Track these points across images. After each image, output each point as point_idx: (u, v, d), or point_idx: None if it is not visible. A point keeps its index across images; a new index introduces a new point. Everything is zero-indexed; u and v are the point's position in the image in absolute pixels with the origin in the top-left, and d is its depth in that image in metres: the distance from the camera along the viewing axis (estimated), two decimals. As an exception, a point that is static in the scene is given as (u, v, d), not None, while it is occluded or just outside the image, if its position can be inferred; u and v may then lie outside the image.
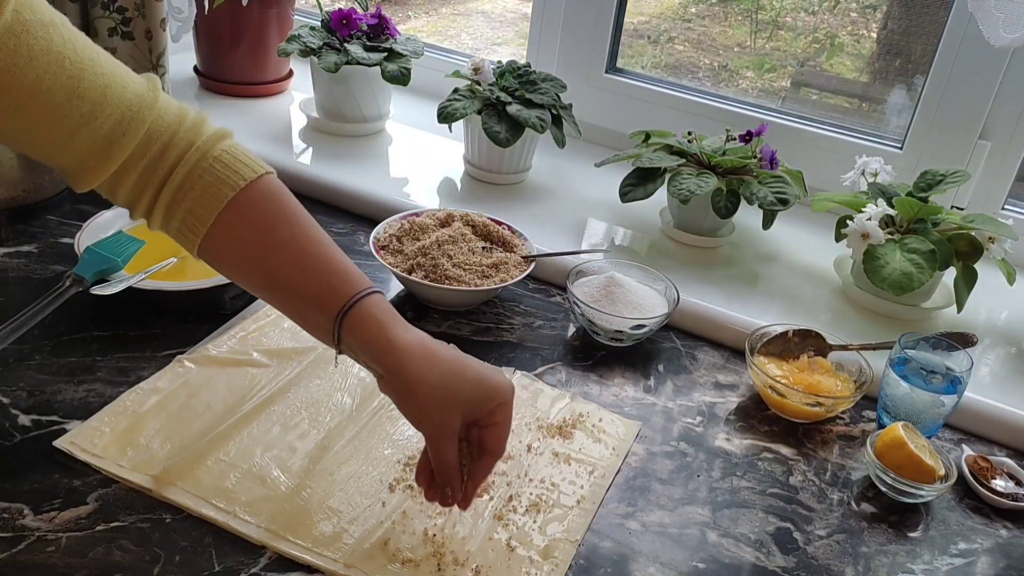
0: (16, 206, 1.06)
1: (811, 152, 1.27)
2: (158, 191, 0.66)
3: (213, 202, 0.66)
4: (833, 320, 1.03)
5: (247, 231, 0.67)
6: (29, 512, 0.66)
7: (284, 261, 0.66)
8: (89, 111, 0.61)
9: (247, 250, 0.67)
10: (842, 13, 1.59)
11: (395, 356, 0.63)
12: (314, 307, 0.66)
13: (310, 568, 0.65)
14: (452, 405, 0.63)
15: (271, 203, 0.68)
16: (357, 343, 0.64)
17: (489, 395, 0.65)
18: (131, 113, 0.64)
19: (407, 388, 0.63)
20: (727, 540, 0.73)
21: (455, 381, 0.64)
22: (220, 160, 0.66)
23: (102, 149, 0.63)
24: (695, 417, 0.87)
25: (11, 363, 0.81)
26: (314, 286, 0.65)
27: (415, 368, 0.63)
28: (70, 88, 0.60)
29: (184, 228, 0.67)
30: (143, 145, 0.65)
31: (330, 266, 0.66)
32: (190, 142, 0.66)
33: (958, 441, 0.89)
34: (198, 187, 0.66)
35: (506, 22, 3.14)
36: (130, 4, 1.21)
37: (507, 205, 1.21)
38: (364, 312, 0.64)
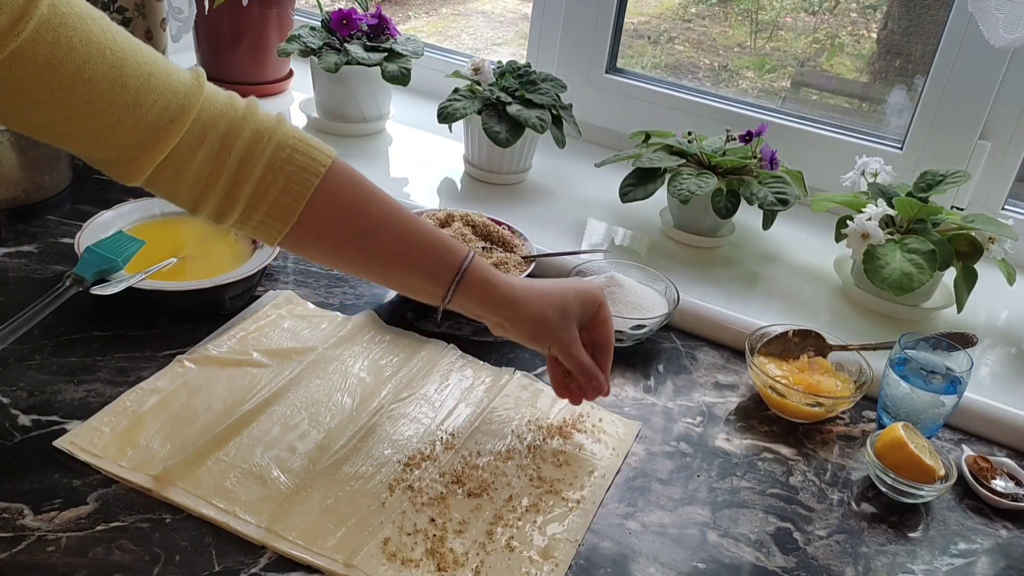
0: (16, 206, 1.06)
1: (811, 152, 1.27)
2: (233, 185, 0.66)
3: (300, 190, 0.67)
4: (833, 320, 1.03)
5: (340, 213, 0.70)
6: (29, 512, 0.66)
7: (384, 238, 0.71)
8: (133, 98, 0.61)
9: (342, 232, 0.70)
10: (842, 13, 1.59)
11: (514, 308, 0.74)
12: (424, 278, 0.73)
13: (310, 568, 0.65)
14: (569, 323, 0.75)
15: (355, 184, 0.71)
16: (473, 303, 0.73)
17: (590, 302, 0.77)
18: (178, 99, 0.63)
19: (531, 326, 0.75)
20: (727, 540, 0.73)
21: (563, 305, 0.75)
22: (296, 148, 0.67)
23: (149, 136, 0.62)
24: (695, 417, 0.87)
25: (11, 363, 0.81)
26: (421, 259, 0.72)
27: (532, 310, 0.74)
28: (112, 77, 0.60)
29: (268, 219, 0.68)
30: (197, 133, 0.64)
31: (430, 238, 0.73)
32: (256, 131, 0.66)
33: (958, 441, 0.89)
34: (282, 177, 0.66)
35: (506, 22, 3.14)
36: (130, 4, 1.21)
37: (507, 205, 1.21)
38: (474, 277, 0.72)
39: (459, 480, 0.74)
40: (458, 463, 0.76)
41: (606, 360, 0.79)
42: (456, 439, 0.79)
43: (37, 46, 0.56)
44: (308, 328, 0.92)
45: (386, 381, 0.85)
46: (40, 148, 1.06)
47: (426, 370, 0.88)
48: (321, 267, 1.03)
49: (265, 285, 0.98)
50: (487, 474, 0.75)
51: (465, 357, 0.91)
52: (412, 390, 0.85)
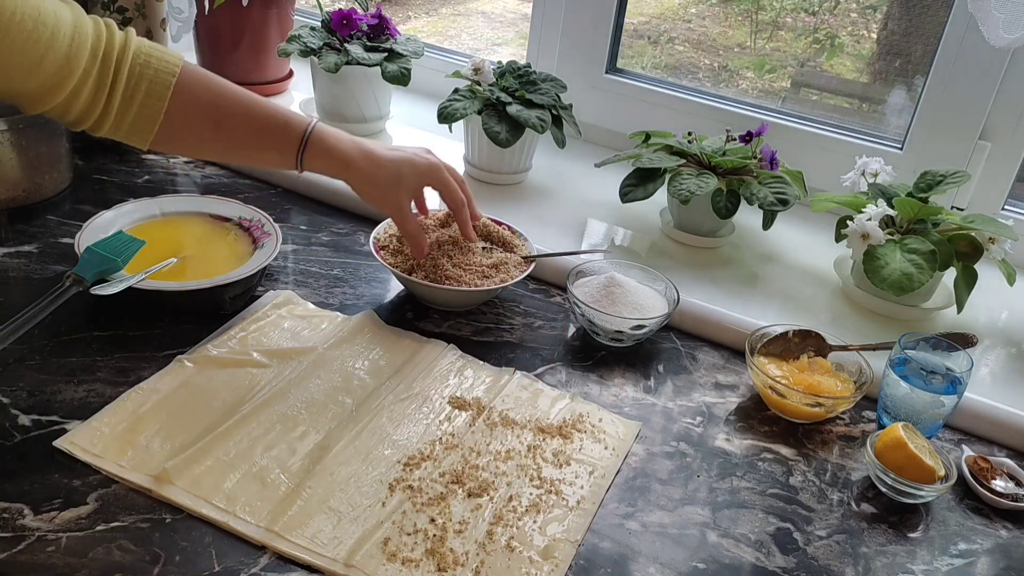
0: (16, 206, 1.06)
1: (811, 152, 1.27)
2: (109, 95, 0.76)
3: (161, 89, 0.77)
4: (833, 320, 1.03)
5: (196, 108, 0.80)
6: (29, 512, 0.66)
7: (236, 124, 0.83)
8: (51, 34, 0.70)
9: (200, 124, 0.81)
10: (842, 13, 1.59)
11: (348, 172, 0.87)
12: (274, 154, 0.85)
13: (310, 568, 0.65)
14: (398, 190, 0.88)
15: (206, 79, 0.82)
16: (317, 168, 0.86)
17: (422, 174, 0.90)
18: (76, 29, 0.72)
19: (363, 188, 0.88)
20: (727, 540, 0.73)
21: (393, 170, 0.88)
22: (151, 55, 0.77)
23: (64, 67, 0.72)
24: (695, 417, 0.87)
25: (11, 363, 0.81)
26: (270, 138, 0.84)
27: (365, 174, 0.87)
28: (34, 16, 0.68)
29: (138, 121, 0.78)
30: (91, 56, 0.74)
31: (276, 115, 0.84)
32: (121, 45, 0.76)
33: (958, 441, 0.89)
34: (144, 82, 0.77)
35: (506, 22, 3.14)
36: (130, 4, 1.21)
37: (507, 205, 1.21)
38: (315, 146, 0.85)
39: (459, 480, 0.74)
40: (458, 463, 0.76)
41: (461, 216, 0.93)
42: (456, 439, 0.79)
43: None
44: (308, 328, 0.92)
45: (386, 381, 0.85)
46: (40, 148, 1.06)
47: (426, 370, 0.88)
48: (321, 267, 1.03)
49: (265, 285, 0.98)
50: (487, 474, 0.75)
51: (465, 357, 0.91)
52: (412, 390, 0.85)
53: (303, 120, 0.85)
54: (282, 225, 1.08)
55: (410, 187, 0.89)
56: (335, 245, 1.09)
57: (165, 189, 1.16)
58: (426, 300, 0.98)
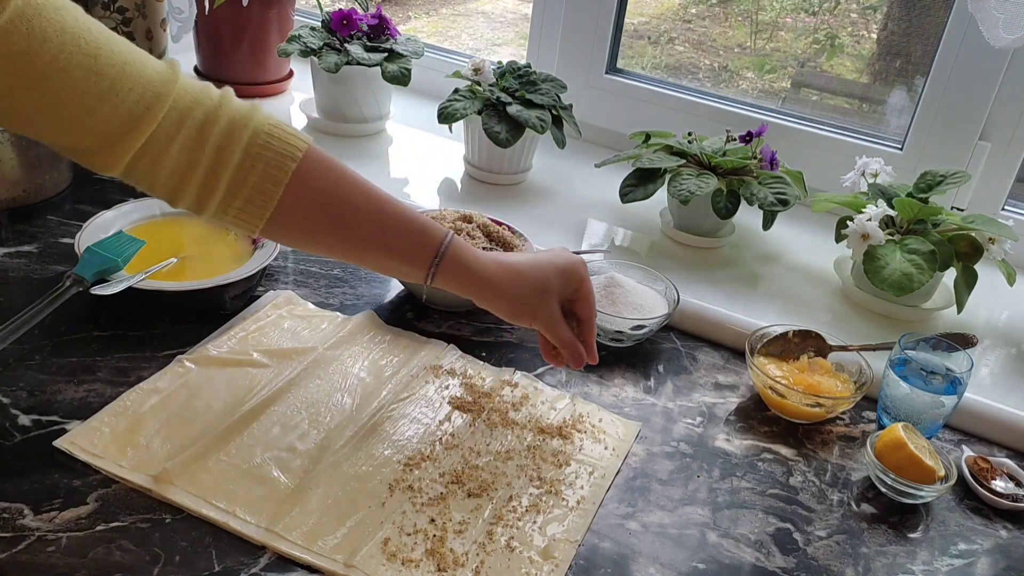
0: (16, 206, 1.06)
1: (811, 153, 1.27)
2: (212, 173, 0.66)
3: (278, 175, 0.67)
4: (833, 321, 1.03)
5: (317, 197, 0.70)
6: (29, 512, 0.66)
7: (361, 222, 0.72)
8: (109, 86, 0.61)
9: (319, 216, 0.70)
10: (842, 14, 1.59)
11: (490, 290, 0.75)
12: (404, 262, 0.74)
13: (310, 568, 0.65)
14: (548, 302, 0.77)
15: (332, 169, 0.71)
16: (451, 285, 0.75)
17: (571, 279, 0.79)
18: (153, 88, 0.63)
19: (510, 307, 0.76)
20: (727, 541, 0.73)
21: (544, 284, 0.77)
22: (272, 135, 0.68)
23: (125, 123, 0.63)
24: (695, 418, 0.87)
25: (11, 363, 0.81)
26: (397, 244, 0.73)
27: (509, 292, 0.76)
28: (87, 65, 0.60)
29: (248, 206, 0.68)
30: (174, 121, 0.64)
31: (408, 223, 0.73)
32: (232, 119, 0.66)
33: (958, 442, 0.89)
34: (260, 164, 0.67)
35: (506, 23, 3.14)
36: (130, 4, 1.21)
37: (507, 205, 1.21)
38: (451, 259, 0.74)
39: (459, 480, 0.74)
40: (458, 463, 0.76)
41: (589, 332, 0.81)
42: (456, 439, 0.79)
43: (11, 36, 0.57)
44: (308, 328, 0.92)
45: (386, 381, 0.85)
46: (40, 148, 1.06)
47: (426, 370, 0.88)
48: (321, 267, 1.03)
49: (265, 285, 0.98)
50: (487, 474, 0.75)
51: (465, 357, 0.91)
52: (412, 390, 0.85)
53: (439, 231, 0.74)
54: (282, 225, 1.08)
55: (556, 293, 0.78)
56: (335, 245, 1.09)
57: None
58: (426, 300, 0.98)
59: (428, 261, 0.73)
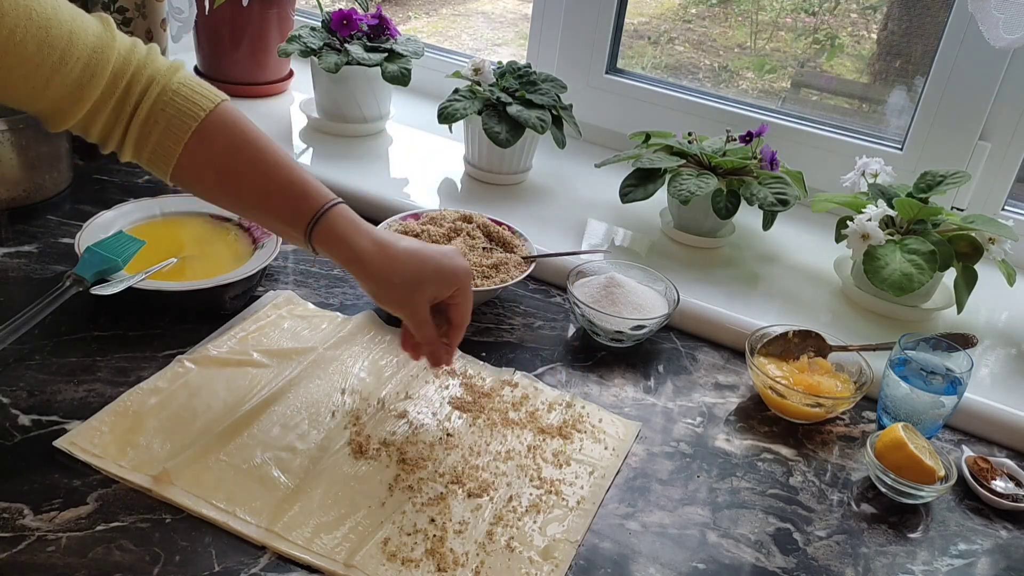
0: (16, 206, 1.06)
1: (811, 153, 1.27)
2: (127, 126, 0.72)
3: (178, 133, 0.72)
4: (833, 321, 1.03)
5: (212, 157, 0.74)
6: (29, 512, 0.66)
7: (248, 185, 0.74)
8: (60, 57, 0.66)
9: (213, 176, 0.74)
10: (842, 14, 1.59)
11: (358, 265, 0.74)
12: (284, 226, 0.75)
13: (310, 568, 0.65)
14: (417, 296, 0.75)
15: (231, 129, 0.74)
16: (327, 254, 0.75)
17: (448, 282, 0.76)
18: (96, 55, 0.69)
19: (376, 288, 0.75)
20: (727, 541, 0.73)
21: (417, 277, 0.75)
22: (179, 93, 0.72)
23: (74, 92, 0.68)
24: (695, 418, 0.87)
25: (11, 363, 0.81)
26: (279, 207, 0.74)
27: (377, 272, 0.74)
28: (40, 38, 0.65)
29: (155, 158, 0.73)
30: (111, 84, 0.70)
31: (290, 186, 0.74)
32: (150, 77, 0.72)
33: (958, 442, 0.89)
34: (163, 120, 0.72)
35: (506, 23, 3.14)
36: (131, 4, 1.21)
37: (507, 206, 1.21)
38: (327, 227, 0.73)
39: (459, 480, 0.74)
40: (458, 463, 0.76)
41: (455, 336, 0.79)
42: (456, 439, 0.79)
43: None
44: (308, 328, 0.92)
45: (386, 381, 0.85)
46: (40, 148, 1.06)
47: (426, 370, 0.88)
48: (321, 267, 1.03)
49: (265, 285, 0.98)
50: (487, 474, 0.75)
51: (465, 357, 0.91)
52: (412, 390, 0.85)
53: (324, 196, 0.74)
54: (282, 225, 1.08)
55: (430, 292, 0.75)
56: (335, 245, 1.09)
57: (165, 189, 1.16)
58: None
59: (305, 224, 0.73)
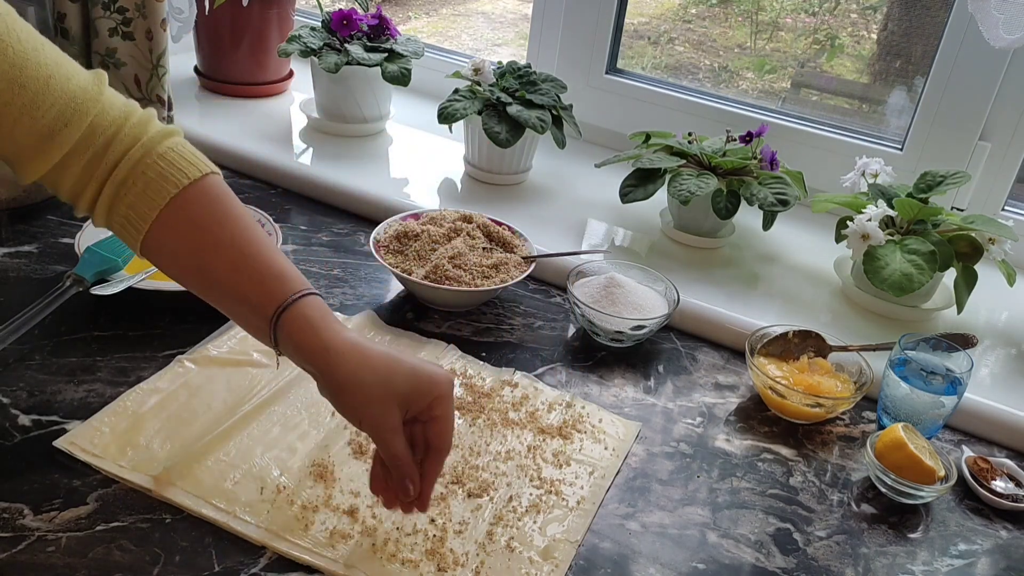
0: (16, 206, 1.06)
1: (811, 153, 1.27)
2: (101, 185, 0.66)
3: (155, 198, 0.65)
4: (833, 321, 1.03)
5: (186, 229, 0.66)
6: (29, 512, 0.66)
7: (221, 261, 0.66)
8: (31, 100, 0.61)
9: (185, 249, 0.67)
10: (842, 14, 1.59)
11: (326, 357, 0.63)
12: (250, 309, 0.66)
13: (310, 568, 0.65)
14: (388, 400, 0.63)
15: (213, 203, 0.67)
16: (292, 345, 0.64)
17: (425, 388, 0.64)
18: (74, 105, 0.64)
19: (341, 388, 0.63)
20: (727, 541, 0.73)
21: (388, 376, 0.63)
22: (164, 157, 0.66)
23: (43, 140, 0.63)
24: (695, 418, 0.87)
25: (11, 363, 0.81)
26: (249, 287, 0.65)
27: (347, 367, 0.62)
28: (11, 76, 0.60)
29: (126, 223, 0.66)
30: (86, 138, 0.65)
31: (267, 268, 0.66)
32: (135, 138, 0.66)
33: (958, 442, 0.89)
34: (140, 183, 0.65)
35: (506, 23, 3.14)
36: (131, 4, 1.21)
37: (507, 206, 1.21)
38: (297, 314, 0.64)
39: (459, 480, 0.74)
40: (458, 463, 0.76)
41: (434, 467, 0.65)
42: (456, 439, 0.79)
43: None
44: (308, 328, 0.92)
45: (386, 381, 0.85)
46: (40, 148, 1.06)
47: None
48: (321, 267, 1.03)
49: (265, 285, 0.98)
50: (487, 474, 0.75)
51: (465, 357, 0.91)
52: (412, 390, 0.85)
53: (302, 283, 0.66)
54: (282, 225, 1.08)
55: (401, 399, 0.63)
56: (335, 245, 1.09)
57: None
58: (426, 300, 0.98)
59: (275, 306, 0.64)
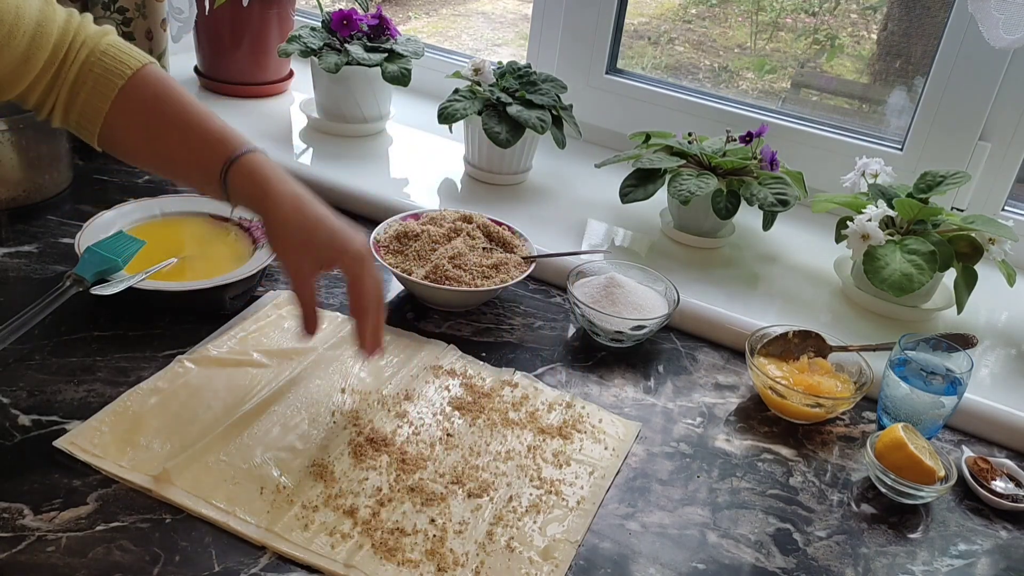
0: (16, 206, 1.06)
1: (811, 153, 1.27)
2: (58, 88, 0.75)
3: (105, 92, 0.75)
4: (833, 321, 1.03)
5: (137, 115, 0.76)
6: (29, 512, 0.66)
7: (172, 137, 0.77)
8: (8, 32, 0.69)
9: (139, 133, 0.77)
10: (842, 14, 1.59)
11: (265, 203, 0.74)
12: (201, 173, 0.76)
13: (310, 568, 0.65)
14: (306, 248, 0.73)
15: (156, 86, 0.77)
16: (240, 197, 0.75)
17: (340, 248, 0.74)
18: (40, 28, 0.72)
19: (272, 230, 0.74)
20: (727, 541, 0.73)
21: (312, 228, 0.73)
22: (107, 54, 0.75)
23: (21, 65, 0.72)
24: (695, 418, 0.87)
25: (11, 363, 0.81)
26: (199, 155, 0.76)
27: (280, 213, 0.73)
28: None
29: (83, 120, 0.76)
30: (52, 55, 0.73)
31: (210, 133, 0.76)
32: (81, 42, 0.75)
33: (958, 442, 0.89)
34: (90, 80, 0.75)
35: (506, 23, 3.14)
36: (131, 4, 1.21)
37: (507, 206, 1.21)
38: (242, 169, 0.74)
39: (459, 480, 0.74)
40: (458, 463, 0.76)
41: (359, 322, 0.75)
42: (456, 439, 0.79)
43: None
44: (308, 328, 0.92)
45: (386, 381, 0.85)
46: (40, 148, 1.06)
47: (426, 370, 0.88)
48: (321, 267, 1.03)
49: (265, 285, 0.98)
50: (487, 474, 0.75)
51: (465, 357, 0.91)
52: (412, 390, 0.85)
53: (245, 143, 0.76)
54: (282, 225, 1.08)
55: (318, 250, 0.73)
56: (335, 245, 1.09)
57: (165, 189, 1.16)
58: (426, 300, 0.98)
59: (222, 162, 0.74)
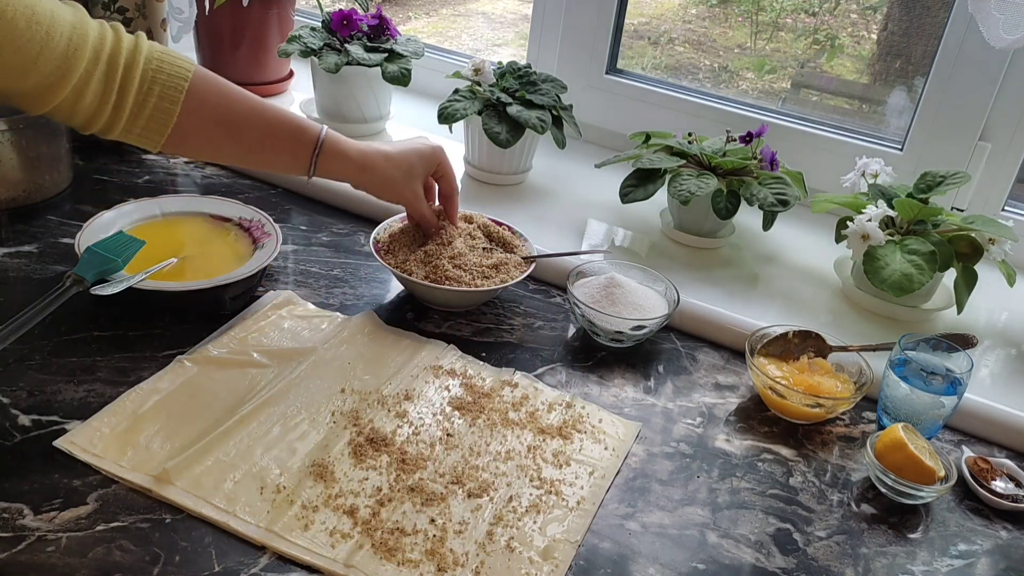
0: (16, 206, 1.06)
1: (811, 153, 1.27)
2: (120, 99, 0.76)
3: (174, 95, 0.78)
4: (833, 321, 1.03)
5: (209, 114, 0.81)
6: (29, 512, 0.66)
7: (251, 132, 0.84)
8: (46, 32, 0.69)
9: (215, 131, 0.82)
10: (842, 14, 1.59)
11: (363, 174, 0.91)
12: (289, 156, 0.87)
13: (310, 568, 0.65)
14: (412, 182, 0.94)
15: (218, 84, 0.83)
16: (330, 172, 0.89)
17: (429, 160, 0.95)
18: (76, 29, 0.72)
19: (381, 185, 0.92)
20: (727, 541, 0.73)
21: (406, 164, 0.92)
22: (163, 60, 0.78)
23: (62, 65, 0.71)
24: (695, 418, 0.87)
25: (11, 363, 0.81)
26: (285, 142, 0.86)
27: (381, 173, 0.91)
28: (27, 15, 0.67)
29: (151, 125, 0.78)
30: (93, 57, 0.74)
31: (289, 123, 0.87)
32: (130, 50, 0.76)
33: (958, 442, 0.89)
34: (157, 86, 0.77)
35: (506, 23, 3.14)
36: (131, 4, 1.21)
37: (507, 206, 1.21)
38: (328, 150, 0.88)
39: (459, 480, 0.74)
40: (458, 463, 0.76)
41: (453, 206, 0.99)
42: (456, 439, 0.79)
43: None
44: (308, 328, 0.92)
45: (386, 381, 0.85)
46: (40, 148, 1.06)
47: (426, 371, 0.88)
48: (321, 267, 1.03)
49: (265, 285, 0.98)
50: (487, 474, 0.75)
51: (465, 357, 0.91)
52: (412, 390, 0.85)
53: (315, 125, 0.88)
54: (282, 225, 1.08)
55: (420, 175, 0.94)
56: (335, 245, 1.09)
57: (165, 189, 1.16)
58: (426, 300, 0.98)
59: (310, 149, 0.86)
